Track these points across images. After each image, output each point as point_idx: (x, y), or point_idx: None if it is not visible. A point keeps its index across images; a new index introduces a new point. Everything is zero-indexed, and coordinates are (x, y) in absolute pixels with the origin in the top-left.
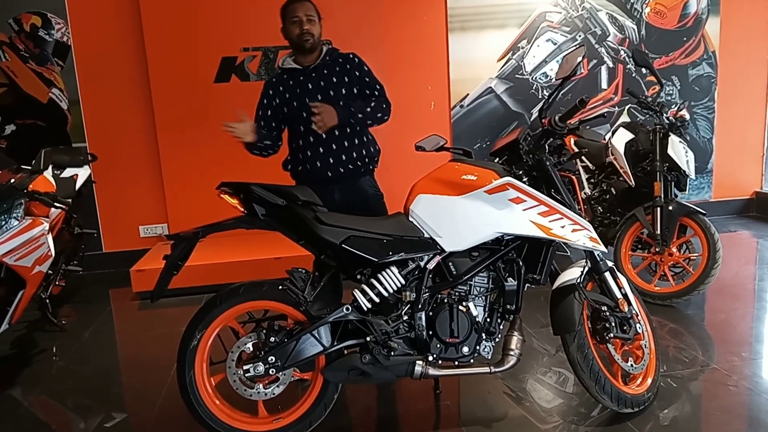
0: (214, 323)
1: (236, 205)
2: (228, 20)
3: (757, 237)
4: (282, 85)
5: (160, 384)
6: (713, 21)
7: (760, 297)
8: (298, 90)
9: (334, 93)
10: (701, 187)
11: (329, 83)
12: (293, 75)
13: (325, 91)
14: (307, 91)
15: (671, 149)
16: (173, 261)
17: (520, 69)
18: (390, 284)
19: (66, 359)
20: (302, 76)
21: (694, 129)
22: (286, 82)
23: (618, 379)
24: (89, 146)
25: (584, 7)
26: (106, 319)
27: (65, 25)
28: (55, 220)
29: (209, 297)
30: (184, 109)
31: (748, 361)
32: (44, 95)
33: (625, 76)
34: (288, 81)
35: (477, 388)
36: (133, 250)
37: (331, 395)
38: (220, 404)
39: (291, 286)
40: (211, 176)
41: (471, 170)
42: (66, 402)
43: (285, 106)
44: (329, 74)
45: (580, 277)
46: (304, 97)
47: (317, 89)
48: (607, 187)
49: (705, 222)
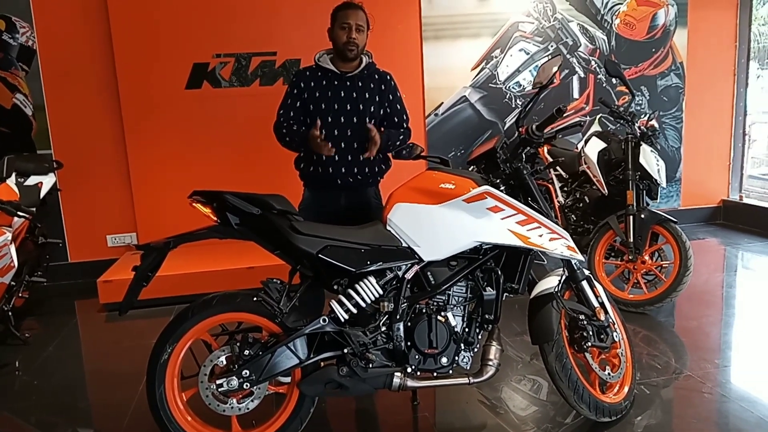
0: (186, 336)
1: (209, 214)
2: (200, 26)
3: (724, 244)
4: (314, 81)
5: (128, 399)
6: (681, 32)
7: (729, 304)
8: (330, 93)
9: (363, 107)
10: (670, 196)
11: (361, 96)
12: (327, 76)
13: (355, 103)
14: (339, 97)
15: (643, 158)
16: (143, 272)
17: (493, 78)
18: (368, 294)
19: (29, 374)
20: (337, 80)
21: (663, 138)
22: (319, 80)
23: (596, 388)
24: (55, 153)
25: (556, 18)
26: (71, 331)
27: (30, 29)
28: (19, 230)
29: (180, 309)
30: (153, 115)
31: (722, 369)
32: (8, 101)
33: (596, 86)
34: (321, 80)
35: (454, 398)
36: (100, 260)
37: (307, 409)
38: (192, 420)
39: (266, 298)
40: (181, 184)
41: (449, 179)
42: (29, 419)
43: (311, 104)
44: (363, 87)
45: (557, 286)
46: (333, 102)
47: (349, 98)
48: (580, 195)
49: (676, 230)
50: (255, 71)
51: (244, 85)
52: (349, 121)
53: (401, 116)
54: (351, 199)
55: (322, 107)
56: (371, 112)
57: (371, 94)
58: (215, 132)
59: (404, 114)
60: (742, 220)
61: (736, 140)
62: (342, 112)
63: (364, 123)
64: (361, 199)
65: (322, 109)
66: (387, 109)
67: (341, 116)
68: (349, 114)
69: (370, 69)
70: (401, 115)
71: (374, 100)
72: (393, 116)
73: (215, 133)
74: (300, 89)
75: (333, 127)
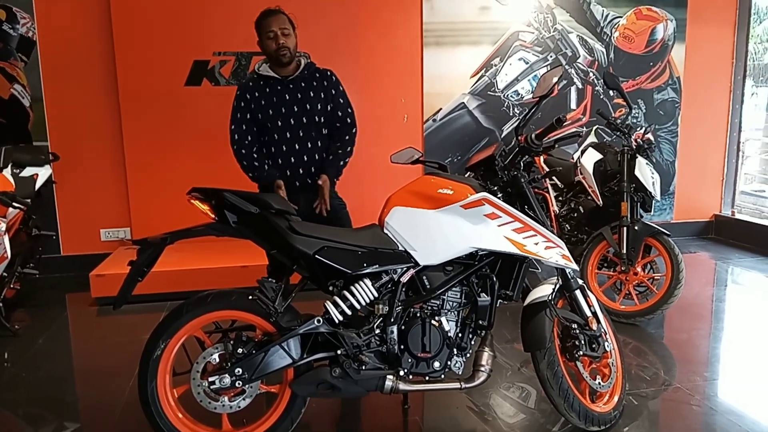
0: (180, 332)
1: (207, 211)
2: (202, 23)
3: (715, 259)
4: (257, 91)
5: (117, 394)
6: (679, 47)
7: (719, 317)
8: (275, 99)
9: (310, 106)
10: (663, 209)
11: (306, 96)
12: (269, 83)
13: (301, 103)
14: (284, 101)
15: (638, 171)
16: (139, 267)
17: (492, 86)
18: (363, 297)
19: (18, 366)
20: (279, 85)
21: (658, 152)
22: (262, 88)
23: (586, 397)
24: (51, 145)
25: (556, 29)
26: (61, 325)
27: (31, 20)
28: (13, 221)
29: (173, 305)
30: (152, 110)
31: (710, 381)
32: (6, 91)
33: (594, 98)
34: (264, 88)
35: (444, 403)
36: (93, 254)
37: (298, 409)
38: (182, 417)
39: (261, 296)
40: (178, 181)
41: (447, 184)
42: (17, 411)
43: (259, 113)
44: (306, 87)
45: (551, 294)
46: (280, 107)
47: (294, 100)
48: (575, 205)
49: (669, 243)
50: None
51: None
52: (298, 123)
53: (345, 109)
54: (310, 200)
55: (270, 113)
56: (318, 110)
57: (315, 92)
58: (213, 130)
59: (348, 107)
60: (733, 235)
61: (730, 156)
62: (290, 114)
63: (313, 123)
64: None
65: (271, 115)
66: (331, 104)
67: (290, 119)
68: (297, 116)
69: (310, 69)
70: (345, 109)
71: (319, 97)
72: (337, 110)
73: (213, 131)
74: (246, 101)
75: (284, 131)
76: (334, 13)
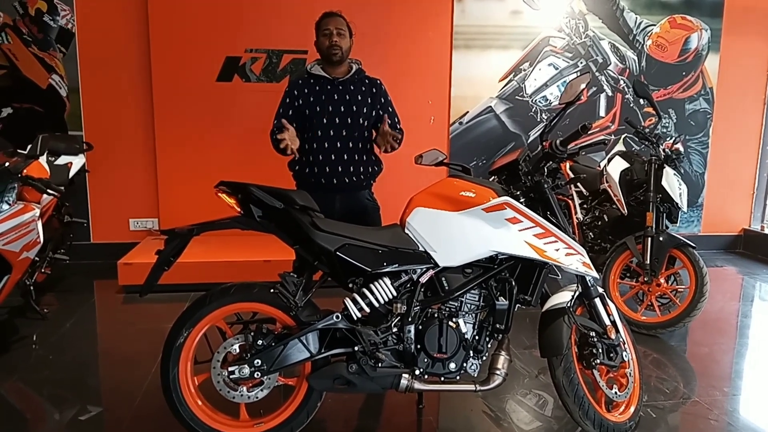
0: (202, 322)
1: (233, 204)
2: (234, 20)
3: (742, 274)
4: (308, 88)
5: (139, 380)
6: (713, 58)
7: (743, 333)
8: (324, 97)
9: (356, 108)
10: (691, 221)
11: (354, 99)
12: (320, 82)
13: (348, 105)
14: (332, 101)
15: (665, 181)
16: (166, 256)
17: (520, 91)
18: (382, 295)
19: (45, 348)
20: (329, 85)
21: (688, 163)
22: (312, 86)
23: (601, 406)
24: (85, 135)
25: (587, 35)
26: (88, 310)
27: (71, 12)
28: (46, 207)
29: (196, 296)
30: (184, 105)
31: (730, 397)
32: (44, 81)
33: (623, 106)
34: (314, 86)
35: (459, 405)
36: (121, 242)
37: (314, 403)
38: (202, 405)
39: (283, 290)
40: (206, 174)
41: (469, 187)
42: (41, 391)
43: (307, 109)
44: (355, 91)
45: (570, 301)
46: (327, 106)
47: (341, 102)
48: (599, 213)
49: (694, 255)
50: (285, 68)
51: (273, 81)
52: (343, 124)
53: (393, 118)
54: (345, 201)
55: (317, 110)
56: (364, 113)
57: (363, 96)
58: (242, 125)
59: (395, 117)
60: (762, 250)
61: (762, 170)
62: (336, 114)
63: (357, 125)
64: (356, 201)
65: (317, 112)
66: (379, 111)
67: (335, 118)
68: (342, 116)
69: (360, 75)
70: (393, 117)
71: (366, 102)
72: (383, 118)
73: (242, 126)
74: (294, 96)
75: (328, 129)
76: (364, 15)
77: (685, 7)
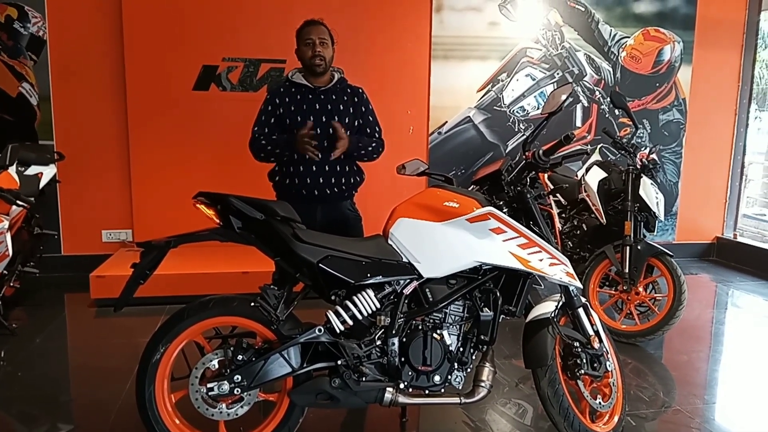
0: (180, 337)
1: (212, 216)
2: (212, 28)
3: (716, 281)
4: (288, 96)
5: (113, 397)
6: (685, 69)
7: (719, 340)
8: (305, 107)
9: (338, 118)
10: (665, 229)
11: (336, 108)
12: (301, 91)
13: (330, 115)
14: (314, 110)
15: (643, 190)
16: (142, 270)
17: (498, 101)
18: (365, 307)
19: (14, 364)
20: (311, 94)
21: (662, 172)
22: (293, 95)
23: (586, 416)
24: (57, 145)
25: (564, 47)
26: (59, 325)
27: (42, 20)
28: (15, 219)
29: (174, 309)
30: (159, 114)
31: (709, 405)
32: (14, 89)
33: (599, 116)
34: (295, 95)
35: (441, 418)
36: (93, 254)
37: (296, 418)
38: (179, 423)
39: (263, 303)
40: (181, 184)
41: (453, 197)
42: (10, 410)
43: (287, 118)
44: (337, 100)
45: (554, 312)
46: (308, 115)
47: (323, 111)
48: (578, 222)
49: (672, 264)
50: (263, 78)
51: (250, 91)
52: (324, 133)
53: (373, 127)
54: (327, 212)
55: (298, 120)
56: (345, 123)
57: (344, 106)
58: (219, 135)
59: (376, 126)
60: (735, 258)
61: (734, 179)
62: (317, 124)
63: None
64: (338, 212)
65: (298, 122)
66: (359, 120)
67: (316, 128)
68: (324, 126)
69: (342, 84)
70: (374, 127)
71: (348, 111)
72: (366, 127)
73: (219, 136)
74: (275, 105)
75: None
76: (343, 24)
77: (659, 20)
